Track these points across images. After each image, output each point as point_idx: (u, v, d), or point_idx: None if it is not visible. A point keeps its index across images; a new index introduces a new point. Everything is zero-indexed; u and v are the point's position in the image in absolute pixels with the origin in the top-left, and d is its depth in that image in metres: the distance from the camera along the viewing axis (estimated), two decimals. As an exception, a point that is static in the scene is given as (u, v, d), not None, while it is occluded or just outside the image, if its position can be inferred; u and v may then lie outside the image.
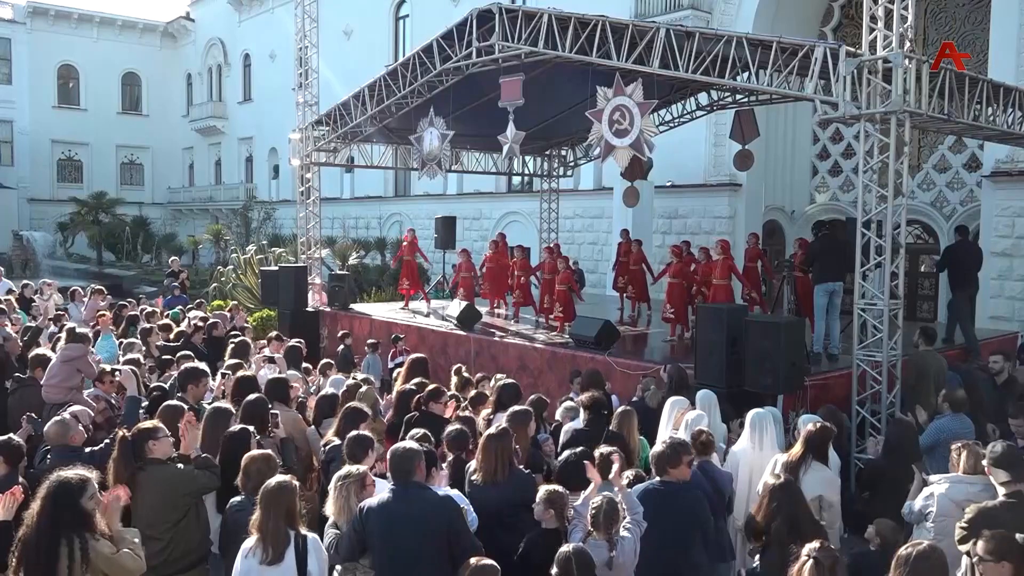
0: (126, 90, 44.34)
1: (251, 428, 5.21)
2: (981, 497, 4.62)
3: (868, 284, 8.10)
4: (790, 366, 7.55)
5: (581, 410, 6.24)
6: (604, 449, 4.92)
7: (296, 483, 4.15)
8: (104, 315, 11.14)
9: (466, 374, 8.16)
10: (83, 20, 41.93)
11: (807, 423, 5.71)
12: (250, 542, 3.99)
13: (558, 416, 6.86)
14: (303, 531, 4.04)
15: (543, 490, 4.48)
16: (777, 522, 4.26)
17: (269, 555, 3.89)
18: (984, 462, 4.62)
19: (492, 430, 5.06)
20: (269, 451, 4.82)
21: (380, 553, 4.08)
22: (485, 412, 6.69)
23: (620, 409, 6.23)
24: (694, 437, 5.51)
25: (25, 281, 15.43)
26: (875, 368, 7.95)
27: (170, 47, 45.17)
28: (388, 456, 4.35)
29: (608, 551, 4.07)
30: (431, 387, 6.66)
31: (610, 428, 5.95)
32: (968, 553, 3.89)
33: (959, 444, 4.96)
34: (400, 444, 4.43)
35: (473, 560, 3.57)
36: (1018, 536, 3.69)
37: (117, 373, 7.02)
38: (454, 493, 4.70)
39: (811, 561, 3.44)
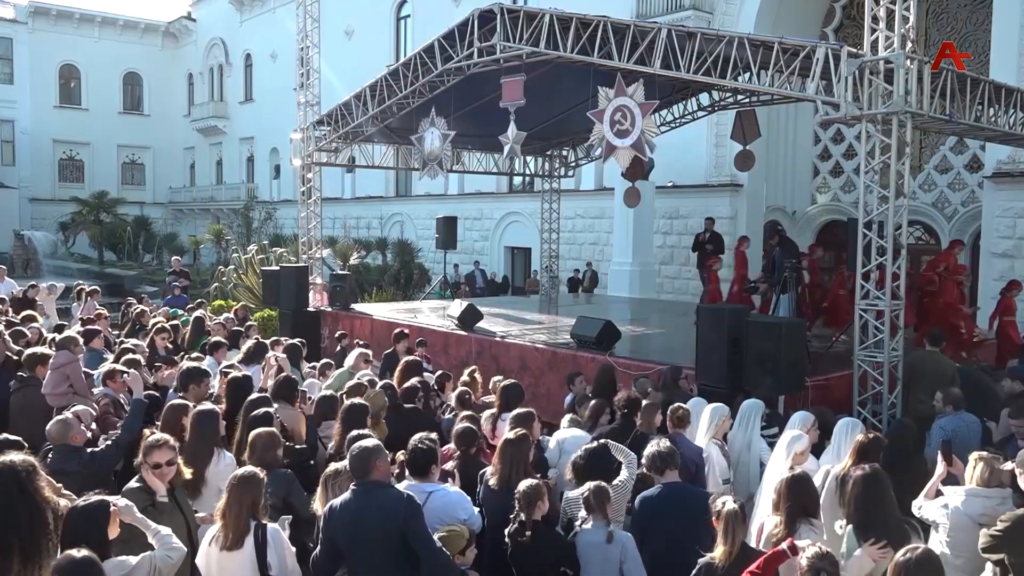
0: (127, 90, 44.36)
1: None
2: (999, 511, 4.36)
3: (869, 285, 8.10)
4: (790, 366, 7.57)
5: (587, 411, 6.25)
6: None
7: (263, 477, 4.27)
8: (103, 314, 11.11)
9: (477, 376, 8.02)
10: (84, 20, 41.93)
11: (803, 421, 5.74)
12: (213, 530, 4.13)
13: (563, 427, 6.81)
14: (265, 522, 4.15)
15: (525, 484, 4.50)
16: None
17: (229, 540, 4.02)
18: (1012, 466, 4.44)
19: (511, 435, 5.09)
20: (274, 429, 5.04)
21: (346, 552, 4.15)
22: (489, 412, 6.69)
23: (645, 404, 6.28)
24: (671, 412, 5.81)
25: (31, 283, 15.42)
26: (876, 369, 7.95)
27: (171, 47, 45.21)
28: (348, 455, 4.37)
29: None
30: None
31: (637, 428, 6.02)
32: (996, 562, 3.78)
33: (975, 455, 4.70)
34: (359, 443, 4.40)
35: None
36: None
37: (125, 375, 6.99)
38: (454, 492, 4.71)
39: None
